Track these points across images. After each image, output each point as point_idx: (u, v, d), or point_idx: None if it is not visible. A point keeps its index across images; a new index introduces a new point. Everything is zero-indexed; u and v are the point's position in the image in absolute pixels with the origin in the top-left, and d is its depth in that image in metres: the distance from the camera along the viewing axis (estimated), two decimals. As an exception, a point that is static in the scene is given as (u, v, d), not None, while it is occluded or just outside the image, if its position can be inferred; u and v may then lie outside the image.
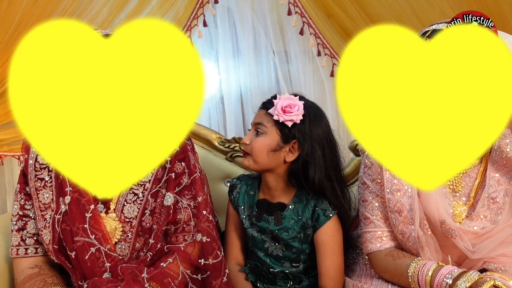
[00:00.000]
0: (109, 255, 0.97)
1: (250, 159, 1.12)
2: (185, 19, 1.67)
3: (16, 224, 1.02)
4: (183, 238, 1.04)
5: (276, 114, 1.07)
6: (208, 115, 1.77)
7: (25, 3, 1.47)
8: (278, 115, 1.06)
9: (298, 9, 1.71)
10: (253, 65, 1.77)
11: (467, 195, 1.04)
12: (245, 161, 1.13)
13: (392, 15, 1.67)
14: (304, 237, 1.14)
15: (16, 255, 1.01)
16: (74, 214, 0.98)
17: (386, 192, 1.04)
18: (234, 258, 1.21)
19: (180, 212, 1.03)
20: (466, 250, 0.97)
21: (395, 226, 1.03)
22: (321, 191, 1.10)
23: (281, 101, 1.06)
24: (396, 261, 1.00)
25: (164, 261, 1.00)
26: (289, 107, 1.06)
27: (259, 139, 1.10)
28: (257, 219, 1.15)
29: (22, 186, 1.04)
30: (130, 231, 1.00)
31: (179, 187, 1.04)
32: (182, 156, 1.06)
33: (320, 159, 1.09)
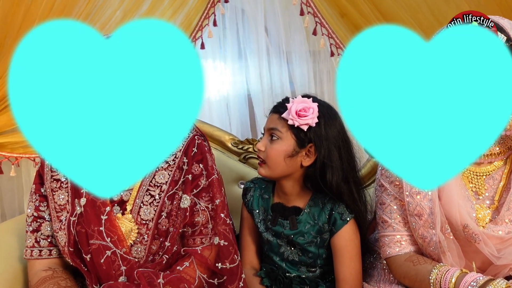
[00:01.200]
0: (124, 258, 0.96)
1: (266, 168, 1.08)
2: (196, 19, 1.67)
3: (31, 225, 1.02)
4: (201, 240, 1.02)
5: (290, 118, 1.03)
6: (215, 116, 1.75)
7: (42, 10, 1.49)
8: (292, 120, 1.03)
9: (311, 9, 1.68)
10: (264, 66, 1.75)
11: (491, 198, 1.00)
12: (262, 170, 1.10)
13: (407, 13, 1.63)
14: (321, 242, 1.11)
15: (30, 257, 1.01)
16: (89, 216, 0.97)
17: (405, 194, 1.01)
18: (249, 262, 1.19)
19: (198, 215, 1.01)
20: (491, 256, 0.93)
21: (415, 230, 1.00)
22: (339, 194, 1.08)
23: (295, 105, 1.03)
24: (417, 267, 0.96)
25: (180, 265, 0.99)
26: (304, 111, 1.03)
27: (275, 146, 1.07)
28: (272, 224, 1.13)
29: (38, 187, 1.04)
30: (146, 233, 0.99)
31: (197, 189, 1.02)
32: (200, 158, 1.04)
33: (338, 162, 1.06)
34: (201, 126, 1.48)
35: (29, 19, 1.47)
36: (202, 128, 1.48)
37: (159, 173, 1.02)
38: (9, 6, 1.44)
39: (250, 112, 1.79)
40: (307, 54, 1.77)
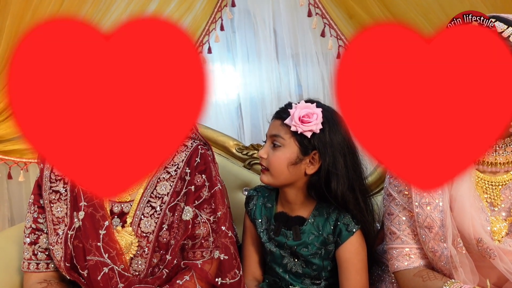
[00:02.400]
0: (122, 275, 0.94)
1: (269, 175, 1.05)
2: (203, 24, 1.64)
3: (29, 237, 1.01)
4: (201, 254, 0.99)
5: (293, 125, 1.00)
6: (224, 120, 1.72)
7: (49, 12, 1.50)
8: (296, 126, 0.99)
9: (319, 10, 1.64)
10: (273, 69, 1.71)
11: (507, 209, 0.94)
12: (264, 178, 1.06)
13: (418, 13, 1.57)
14: (325, 253, 1.06)
15: (27, 269, 1.00)
16: (88, 230, 0.95)
17: (414, 205, 0.95)
18: (251, 273, 1.16)
19: (199, 227, 0.98)
20: (507, 273, 0.87)
21: (425, 243, 0.94)
22: (344, 203, 1.03)
23: (298, 111, 0.99)
24: (426, 283, 0.91)
25: (180, 278, 0.96)
26: (307, 117, 0.99)
27: (277, 153, 1.03)
28: (275, 234, 1.09)
29: (36, 198, 1.02)
30: (147, 246, 0.96)
31: (198, 201, 0.99)
32: (203, 168, 1.01)
33: (343, 169, 1.02)
34: (204, 131, 1.45)
35: (36, 21, 1.48)
36: (206, 134, 1.46)
37: (161, 184, 1.00)
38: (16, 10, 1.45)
39: (260, 116, 1.75)
40: (316, 56, 1.73)
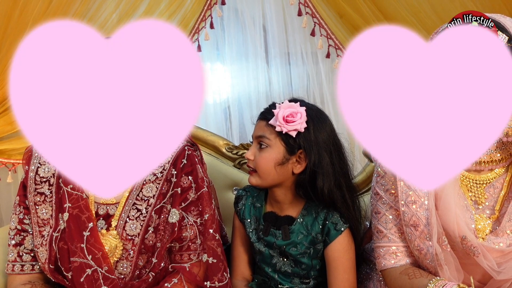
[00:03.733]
0: (106, 277, 0.93)
1: (257, 176, 1.05)
2: (192, 22, 1.64)
3: (14, 238, 1.00)
4: (188, 256, 0.99)
5: (278, 125, 0.99)
6: (213, 120, 1.72)
7: (37, 11, 1.49)
8: (280, 126, 0.99)
9: (309, 9, 1.64)
10: (263, 68, 1.71)
11: (491, 207, 0.95)
12: (252, 180, 1.06)
13: (409, 12, 1.58)
14: (314, 253, 1.07)
15: (12, 271, 0.99)
16: (72, 232, 0.94)
17: (400, 204, 0.96)
18: (240, 273, 1.16)
19: (186, 229, 0.98)
20: (491, 270, 0.89)
21: (411, 241, 0.95)
22: (331, 202, 1.04)
23: (282, 110, 0.99)
24: (412, 281, 0.92)
25: (168, 281, 0.96)
26: (291, 116, 0.99)
27: (264, 154, 1.03)
28: (264, 233, 1.10)
29: (22, 198, 1.01)
30: (132, 249, 0.96)
31: (185, 203, 0.99)
32: (190, 170, 1.01)
33: (329, 167, 1.02)
34: (194, 131, 1.45)
35: (23, 21, 1.47)
36: (196, 133, 1.45)
37: (147, 186, 0.99)
38: (4, 10, 1.44)
39: (248, 116, 1.75)
40: (305, 55, 1.73)
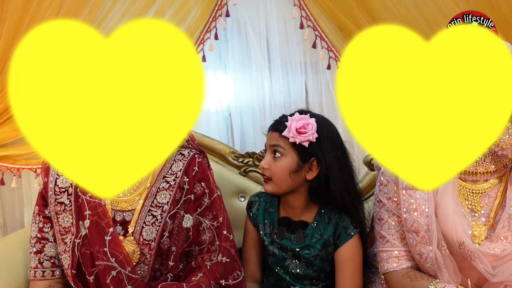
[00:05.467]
0: (130, 277, 0.97)
1: (272, 184, 1.10)
2: (197, 32, 1.68)
3: (34, 246, 1.03)
4: (209, 258, 1.04)
5: (291, 136, 1.06)
6: (215, 128, 1.76)
7: (47, 17, 1.50)
8: (294, 137, 1.05)
9: (311, 22, 1.70)
10: (265, 78, 1.76)
11: (486, 215, 1.01)
12: (268, 187, 1.11)
13: (403, 25, 1.64)
14: (326, 255, 1.12)
15: (34, 278, 1.03)
16: (94, 238, 0.98)
17: (402, 211, 1.02)
18: (250, 275, 1.20)
19: (204, 233, 1.03)
20: (486, 273, 0.95)
21: (413, 246, 1.01)
22: (343, 205, 1.10)
23: (295, 123, 1.06)
24: (414, 283, 0.98)
25: (195, 276, 1.00)
26: (303, 128, 1.05)
27: (279, 163, 1.09)
28: (278, 237, 1.14)
29: (41, 208, 1.05)
30: (149, 253, 1.00)
31: (200, 208, 1.04)
32: (202, 177, 1.06)
33: (339, 172, 1.09)
34: (201, 139, 1.49)
35: (32, 30, 1.49)
36: (202, 142, 1.49)
37: (160, 194, 1.04)
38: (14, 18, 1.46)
39: (251, 124, 1.80)
40: (306, 66, 1.79)
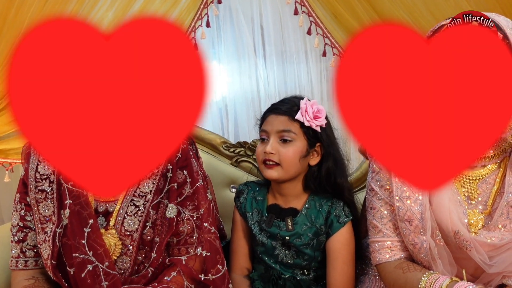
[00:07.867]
0: (107, 273, 0.94)
1: (279, 169, 1.06)
2: (188, 20, 1.65)
3: (16, 235, 1.01)
4: (186, 250, 1.00)
5: (308, 120, 1.04)
6: (209, 118, 1.74)
7: (32, 10, 1.48)
8: (309, 121, 1.04)
9: (305, 8, 1.65)
10: (260, 66, 1.73)
11: (484, 203, 0.97)
12: (274, 173, 1.07)
13: (404, 11, 1.60)
14: (317, 244, 1.10)
15: (15, 267, 1.00)
16: (74, 228, 0.95)
17: (395, 199, 0.98)
18: (240, 267, 1.17)
19: (183, 224, 0.99)
20: (483, 264, 0.91)
21: (406, 236, 0.97)
22: (341, 191, 1.10)
23: (311, 107, 1.04)
24: (406, 275, 0.94)
25: (167, 275, 0.97)
26: (318, 112, 1.05)
27: (290, 148, 1.06)
28: (267, 225, 1.12)
29: (23, 196, 1.02)
30: (131, 244, 0.97)
31: (181, 198, 1.00)
32: (184, 164, 1.02)
33: (340, 158, 1.10)
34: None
35: (18, 21, 1.47)
36: (193, 131, 1.47)
37: (143, 182, 1.00)
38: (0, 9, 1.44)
39: (245, 114, 1.76)
40: (302, 54, 1.75)
